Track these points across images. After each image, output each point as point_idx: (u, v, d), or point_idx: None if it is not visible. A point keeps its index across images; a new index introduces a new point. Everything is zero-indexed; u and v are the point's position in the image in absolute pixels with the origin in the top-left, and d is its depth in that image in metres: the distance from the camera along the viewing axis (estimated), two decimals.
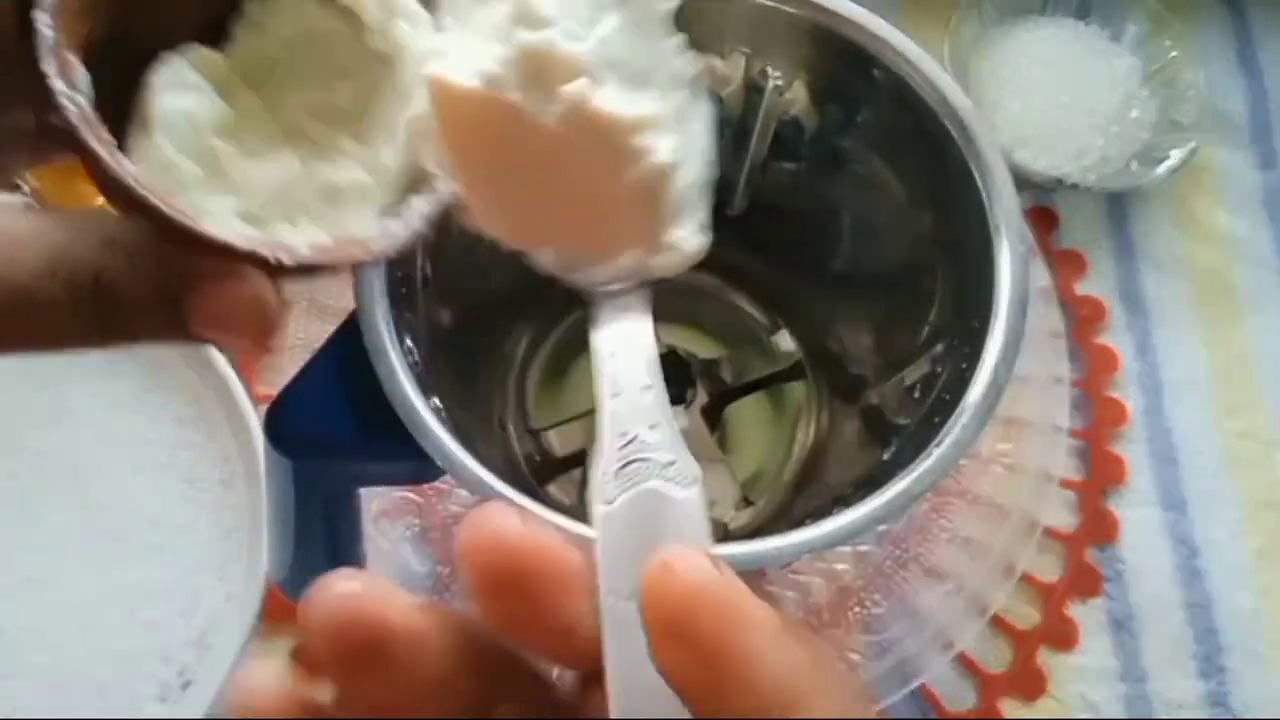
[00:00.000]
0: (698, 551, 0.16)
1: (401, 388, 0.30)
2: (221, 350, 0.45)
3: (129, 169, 0.19)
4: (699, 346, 0.46)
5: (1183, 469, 0.50)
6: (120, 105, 0.21)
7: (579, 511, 0.40)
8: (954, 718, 0.45)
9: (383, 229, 0.23)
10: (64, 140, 0.19)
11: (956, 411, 0.31)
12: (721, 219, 0.44)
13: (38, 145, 0.23)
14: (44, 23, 0.19)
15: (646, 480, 0.19)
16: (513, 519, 0.16)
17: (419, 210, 0.23)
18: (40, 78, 0.19)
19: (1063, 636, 0.46)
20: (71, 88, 0.19)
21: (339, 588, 0.16)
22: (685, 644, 0.15)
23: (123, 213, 0.20)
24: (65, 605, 0.42)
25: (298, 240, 0.21)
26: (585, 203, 0.25)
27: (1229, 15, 0.59)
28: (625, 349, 0.23)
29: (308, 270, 0.21)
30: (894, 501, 0.30)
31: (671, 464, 0.19)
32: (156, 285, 0.20)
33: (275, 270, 0.20)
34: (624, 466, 0.19)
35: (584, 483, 0.43)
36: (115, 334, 0.20)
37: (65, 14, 0.20)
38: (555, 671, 0.18)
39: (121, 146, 0.20)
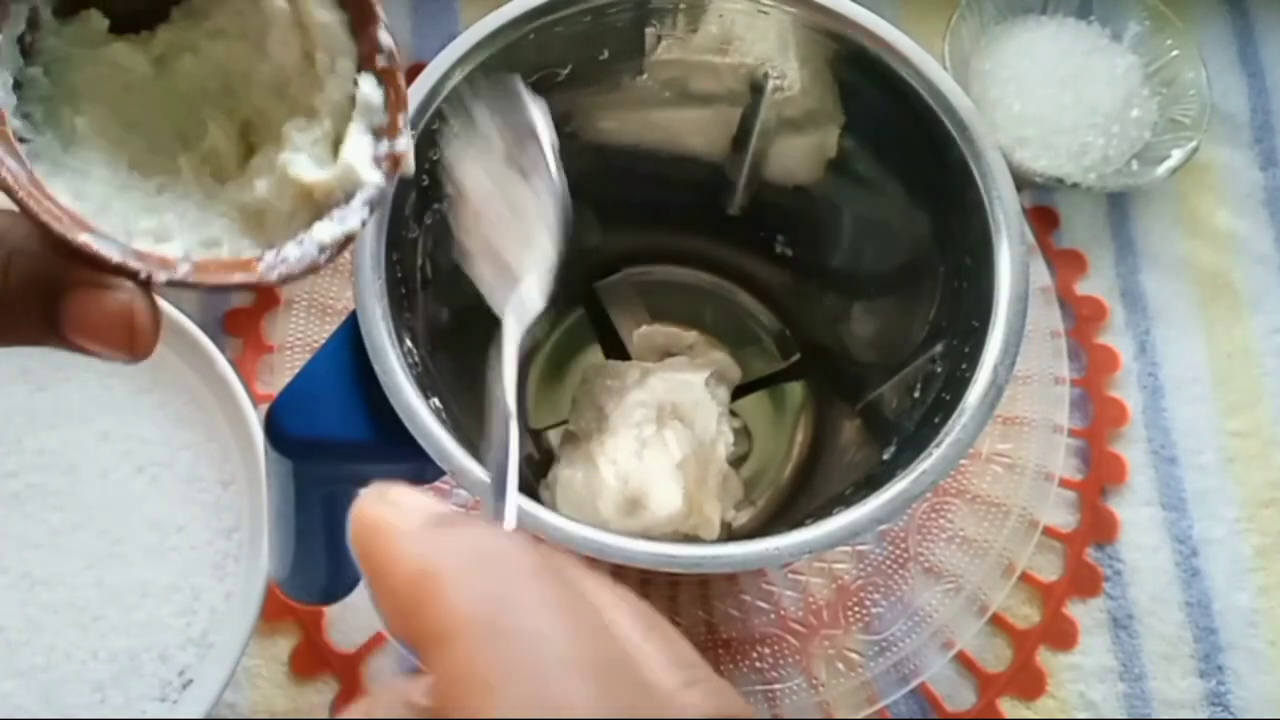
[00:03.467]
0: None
1: (401, 388, 0.30)
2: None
3: (12, 169, 0.19)
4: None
5: (1182, 468, 0.50)
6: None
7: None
8: (953, 717, 0.45)
9: (277, 254, 0.22)
10: None
11: (956, 411, 0.31)
12: (721, 219, 0.44)
13: None
14: None
15: None
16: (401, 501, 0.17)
17: (318, 238, 0.22)
18: None
19: (1062, 636, 0.46)
20: None
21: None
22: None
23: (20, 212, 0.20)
24: (65, 605, 0.42)
25: (179, 249, 0.21)
26: None
27: (1230, 14, 0.59)
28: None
29: (189, 286, 0.21)
30: (893, 501, 0.30)
31: None
32: (30, 286, 0.20)
33: (149, 284, 0.20)
34: None
35: None
36: None
37: None
38: None
39: None
